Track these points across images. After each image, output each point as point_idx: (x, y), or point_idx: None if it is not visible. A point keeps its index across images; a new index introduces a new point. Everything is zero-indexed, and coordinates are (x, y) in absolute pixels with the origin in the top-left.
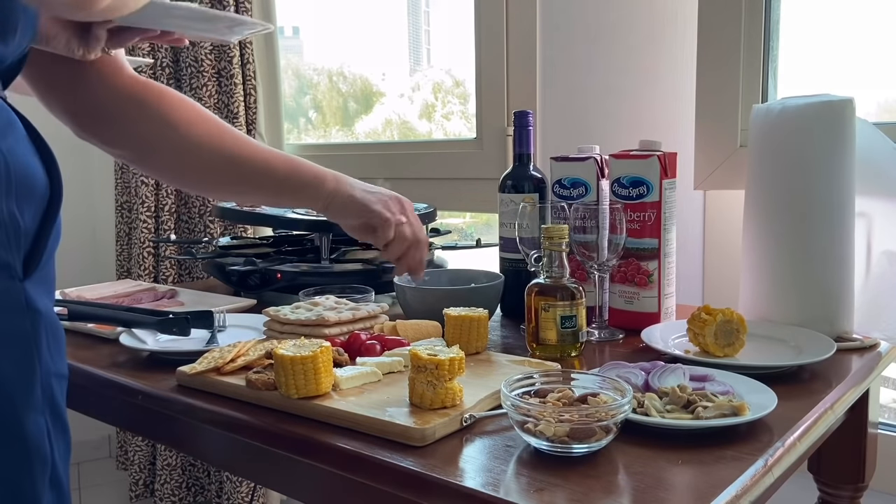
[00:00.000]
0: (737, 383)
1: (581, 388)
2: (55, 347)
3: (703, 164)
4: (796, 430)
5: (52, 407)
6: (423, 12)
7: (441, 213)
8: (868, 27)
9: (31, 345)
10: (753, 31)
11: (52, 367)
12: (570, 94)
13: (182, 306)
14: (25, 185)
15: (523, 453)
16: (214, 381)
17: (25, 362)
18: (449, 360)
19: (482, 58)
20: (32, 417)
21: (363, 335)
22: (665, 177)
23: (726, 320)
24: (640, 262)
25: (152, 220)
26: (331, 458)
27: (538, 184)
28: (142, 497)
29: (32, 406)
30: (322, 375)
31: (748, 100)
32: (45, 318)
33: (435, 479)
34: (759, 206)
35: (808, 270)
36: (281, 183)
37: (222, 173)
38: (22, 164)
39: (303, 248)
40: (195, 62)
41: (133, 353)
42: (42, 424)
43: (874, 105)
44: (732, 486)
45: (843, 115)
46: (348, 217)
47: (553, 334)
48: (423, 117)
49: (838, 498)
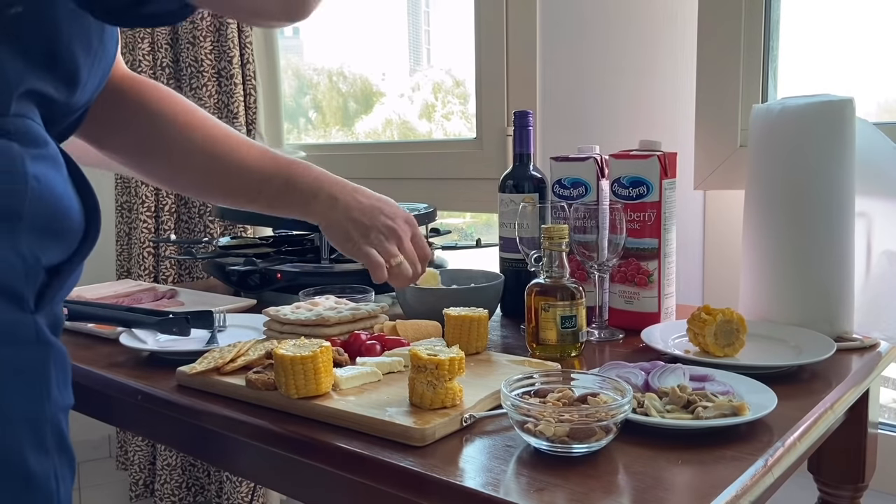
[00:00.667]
0: (737, 383)
1: (581, 388)
2: (63, 380)
3: (703, 164)
4: (796, 430)
5: (59, 442)
6: (423, 12)
7: (441, 213)
8: (868, 27)
9: (42, 380)
10: (753, 31)
11: (61, 401)
12: (570, 94)
13: (182, 306)
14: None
15: (523, 453)
16: (214, 381)
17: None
18: (449, 360)
19: (482, 58)
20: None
21: (363, 335)
22: (665, 177)
23: (726, 320)
24: (640, 262)
25: (152, 220)
26: (331, 458)
27: (538, 184)
28: (142, 497)
29: (41, 446)
30: (322, 375)
31: (748, 100)
32: (55, 350)
33: (435, 479)
34: (759, 206)
35: (808, 270)
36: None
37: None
38: (54, 195)
39: (303, 248)
40: (195, 62)
41: (133, 353)
42: (49, 465)
43: (874, 105)
44: (732, 486)
45: (843, 115)
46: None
47: (553, 334)
48: (423, 117)
49: (838, 498)
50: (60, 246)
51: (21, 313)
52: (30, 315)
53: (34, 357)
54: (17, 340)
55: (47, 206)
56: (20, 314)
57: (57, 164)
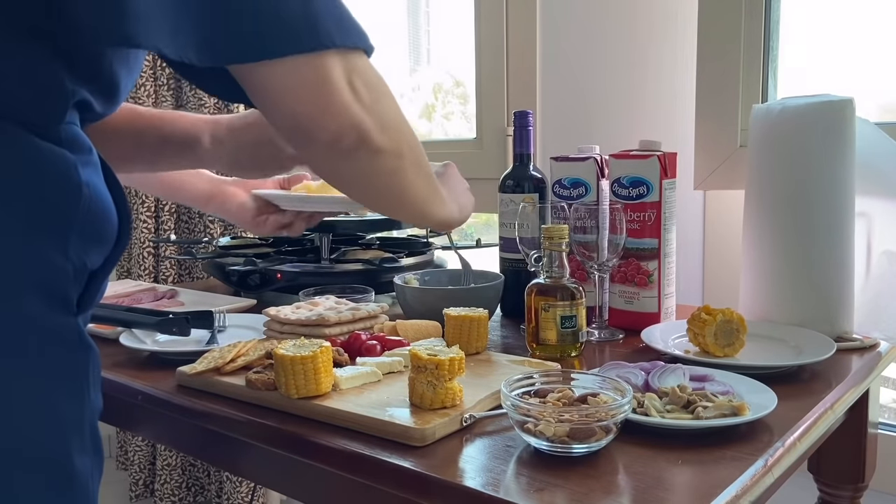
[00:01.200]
0: (737, 383)
1: (581, 388)
2: (97, 382)
3: (703, 164)
4: (796, 430)
5: (94, 443)
6: (423, 12)
7: None
8: (868, 28)
9: (84, 381)
10: (753, 31)
11: (97, 402)
12: (570, 94)
13: (182, 306)
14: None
15: (523, 453)
16: (214, 381)
17: (78, 400)
18: (449, 360)
19: (482, 58)
20: (82, 459)
21: (363, 335)
22: (665, 177)
23: (726, 320)
24: (640, 262)
25: (152, 220)
26: (331, 458)
27: (538, 184)
28: (142, 497)
29: (83, 447)
30: (322, 375)
31: (748, 100)
32: (93, 353)
33: (435, 479)
34: (759, 207)
35: (808, 270)
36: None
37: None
38: (101, 201)
39: (303, 248)
40: None
41: (133, 353)
42: (88, 464)
43: (874, 105)
44: (732, 486)
45: (843, 115)
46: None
47: (553, 334)
48: (423, 117)
49: (838, 498)
50: (101, 250)
51: (68, 317)
52: (73, 318)
53: (78, 359)
54: (66, 343)
55: (95, 213)
56: (68, 318)
57: (98, 169)
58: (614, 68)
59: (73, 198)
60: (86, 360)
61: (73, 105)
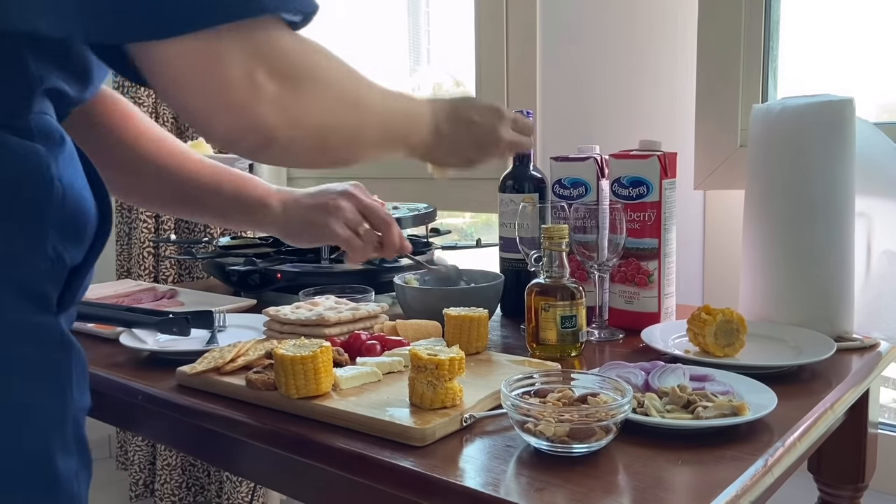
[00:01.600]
0: (737, 383)
1: (581, 388)
2: (82, 381)
3: (703, 164)
4: (796, 430)
5: (78, 443)
6: (423, 12)
7: (441, 213)
8: (868, 28)
9: (66, 380)
10: (753, 31)
11: (81, 401)
12: (570, 94)
13: (182, 306)
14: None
15: (523, 453)
16: (214, 381)
17: (59, 400)
18: (449, 360)
19: (482, 58)
20: (64, 459)
21: (363, 335)
22: (665, 177)
23: (726, 320)
24: (640, 262)
25: (152, 220)
26: (331, 458)
27: (538, 184)
28: (142, 497)
29: (65, 447)
30: (322, 375)
31: (748, 100)
32: (76, 351)
33: (435, 479)
34: (759, 206)
35: (808, 270)
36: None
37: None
38: (76, 194)
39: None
40: None
41: (133, 353)
42: (72, 465)
43: (874, 105)
44: (732, 486)
45: (843, 115)
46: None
47: (553, 334)
48: None
49: (838, 498)
50: (80, 245)
51: (46, 315)
52: (53, 317)
53: (58, 358)
54: (43, 342)
55: (70, 207)
56: (45, 316)
57: (74, 160)
58: (614, 68)
59: (46, 194)
60: (67, 359)
61: (43, 93)
